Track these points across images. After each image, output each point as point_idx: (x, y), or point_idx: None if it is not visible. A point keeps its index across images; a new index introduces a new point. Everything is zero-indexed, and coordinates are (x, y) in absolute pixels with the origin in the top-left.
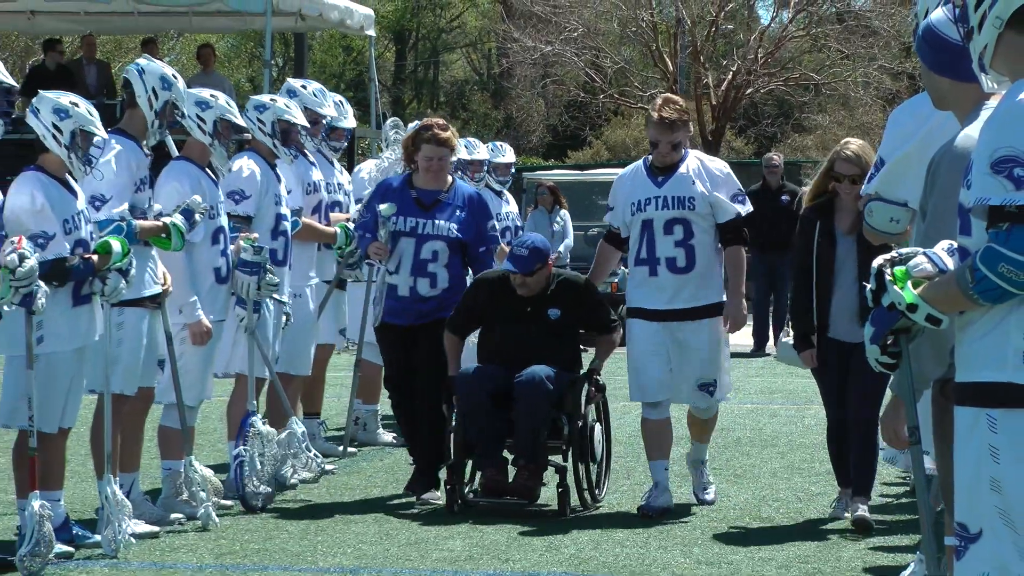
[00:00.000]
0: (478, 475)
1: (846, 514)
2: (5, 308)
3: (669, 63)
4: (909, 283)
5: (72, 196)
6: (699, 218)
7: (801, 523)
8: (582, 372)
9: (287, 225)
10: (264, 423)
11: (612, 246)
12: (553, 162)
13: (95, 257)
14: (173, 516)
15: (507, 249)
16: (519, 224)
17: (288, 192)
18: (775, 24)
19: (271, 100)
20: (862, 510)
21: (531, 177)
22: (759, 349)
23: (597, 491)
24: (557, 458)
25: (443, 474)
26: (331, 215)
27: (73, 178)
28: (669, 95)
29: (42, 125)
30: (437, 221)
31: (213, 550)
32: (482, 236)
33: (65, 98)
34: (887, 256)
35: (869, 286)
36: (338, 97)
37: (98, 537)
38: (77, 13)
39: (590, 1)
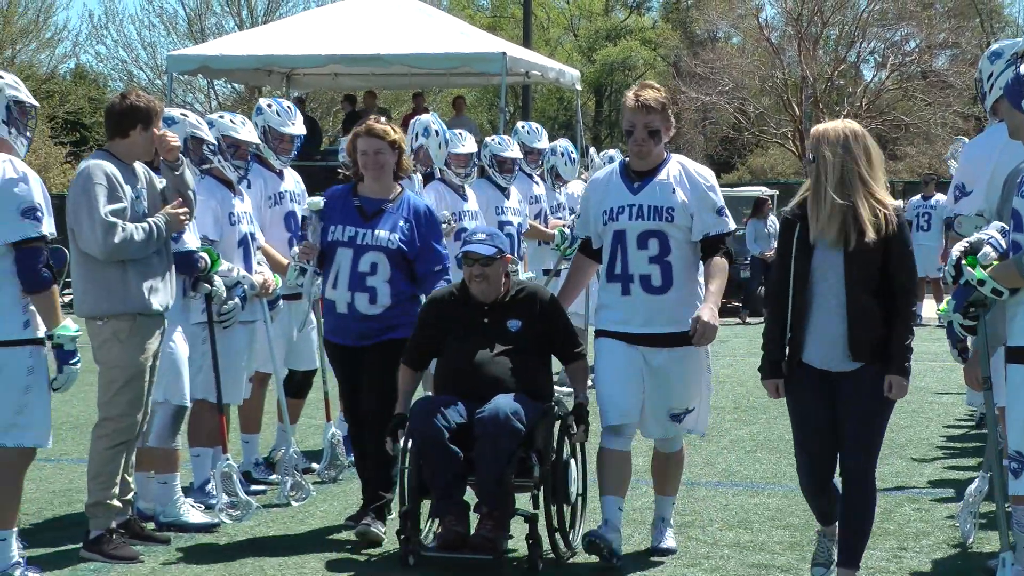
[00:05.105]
0: (435, 522)
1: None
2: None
3: (796, 109)
4: (979, 266)
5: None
6: (677, 231)
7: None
8: (555, 401)
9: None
10: None
11: (587, 258)
12: None
13: None
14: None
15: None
16: None
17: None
18: (876, 80)
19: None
20: None
21: None
22: None
23: (571, 536)
24: (526, 500)
25: (396, 520)
26: (550, 220)
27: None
28: (648, 82)
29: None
30: (377, 231)
31: None
32: (430, 253)
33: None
34: (962, 247)
35: (947, 270)
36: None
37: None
38: (367, 74)
39: (737, 64)
